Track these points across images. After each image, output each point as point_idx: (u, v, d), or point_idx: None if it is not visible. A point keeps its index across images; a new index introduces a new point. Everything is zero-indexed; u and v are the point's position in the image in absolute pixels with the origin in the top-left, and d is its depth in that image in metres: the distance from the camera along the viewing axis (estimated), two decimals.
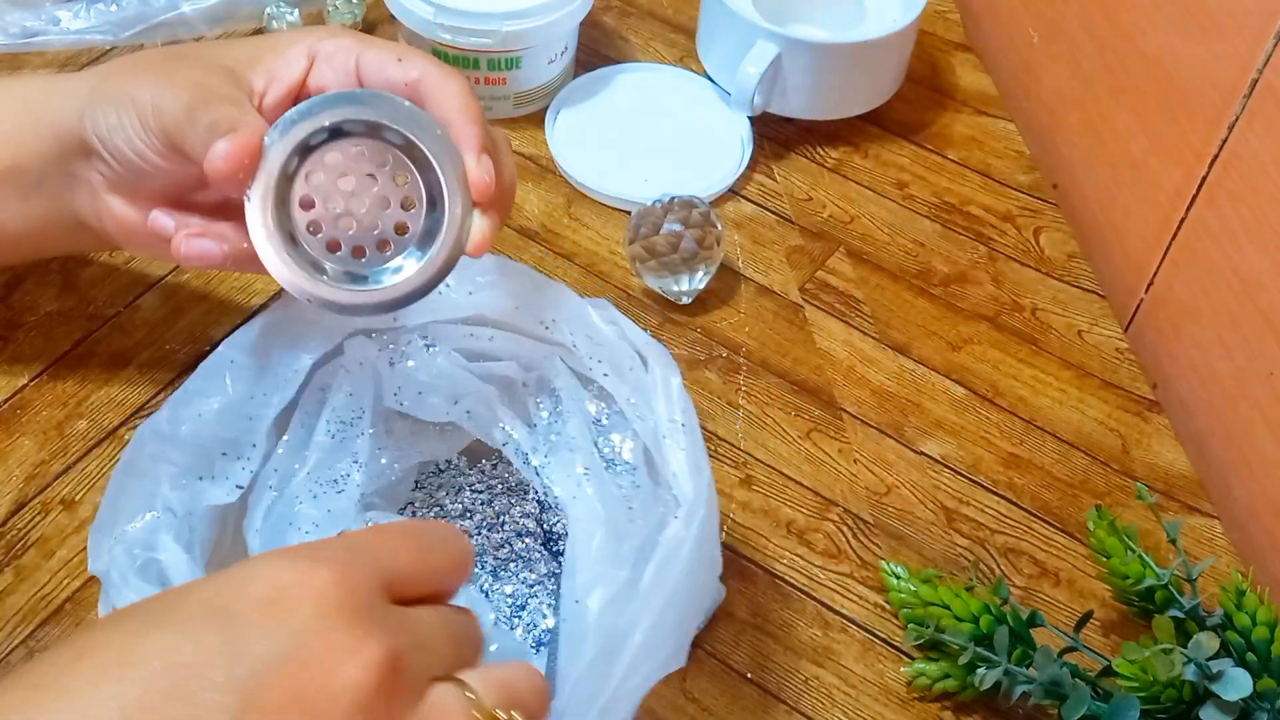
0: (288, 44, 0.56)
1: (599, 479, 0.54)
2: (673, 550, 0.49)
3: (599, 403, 0.58)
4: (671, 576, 0.48)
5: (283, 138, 0.50)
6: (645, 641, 0.46)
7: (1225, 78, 0.67)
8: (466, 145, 0.53)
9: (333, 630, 0.36)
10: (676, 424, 0.53)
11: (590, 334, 0.56)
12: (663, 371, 0.54)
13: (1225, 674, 0.52)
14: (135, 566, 0.49)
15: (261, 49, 0.56)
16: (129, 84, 0.54)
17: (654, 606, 0.47)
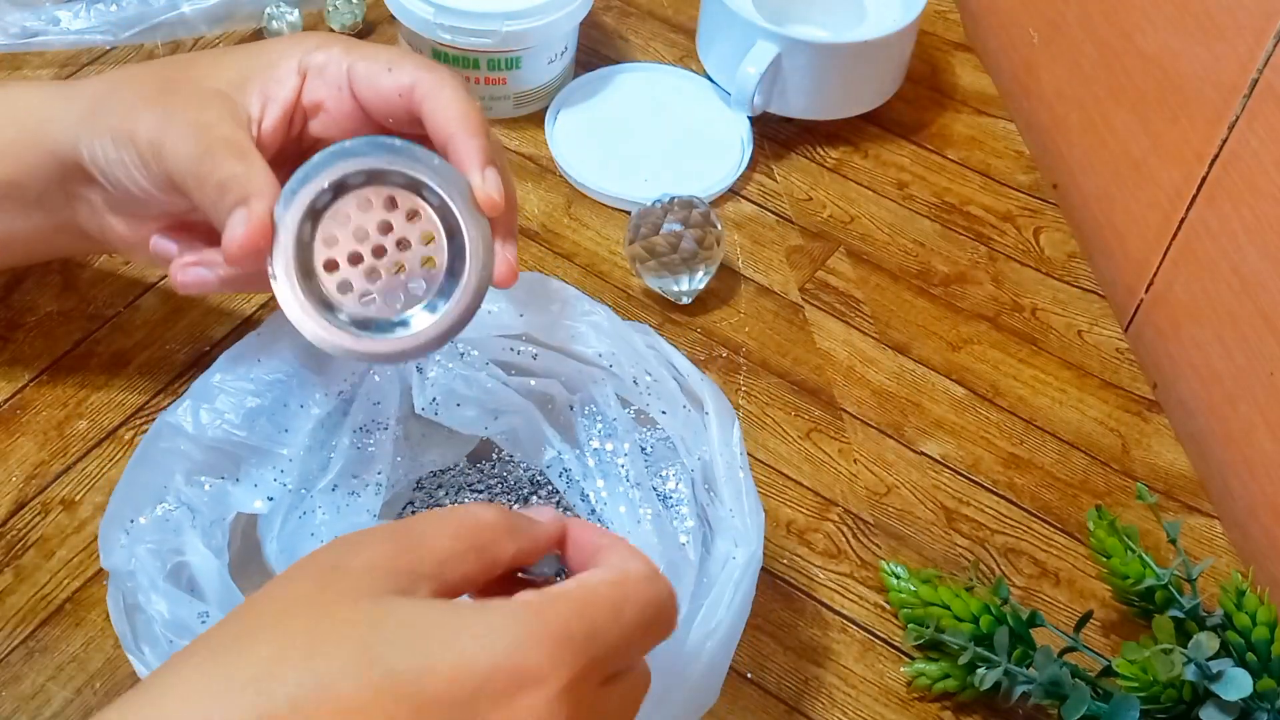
0: (278, 59, 0.55)
1: (657, 516, 0.54)
2: (730, 592, 0.50)
3: (643, 430, 0.58)
4: (729, 617, 0.49)
5: (289, 208, 0.49)
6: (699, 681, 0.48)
7: (1225, 78, 0.67)
8: (470, 161, 0.51)
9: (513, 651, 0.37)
10: (735, 466, 0.53)
11: (648, 370, 0.56)
12: (720, 413, 0.54)
13: (1225, 674, 0.52)
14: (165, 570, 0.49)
15: (252, 68, 0.55)
16: (125, 119, 0.53)
17: (711, 646, 0.48)
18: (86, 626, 0.57)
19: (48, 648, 0.56)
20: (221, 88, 0.54)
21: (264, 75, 0.54)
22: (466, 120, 0.52)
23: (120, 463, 0.62)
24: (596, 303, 0.57)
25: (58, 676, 0.55)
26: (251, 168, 0.50)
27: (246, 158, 0.51)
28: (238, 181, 0.50)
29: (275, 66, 0.55)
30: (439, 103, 0.52)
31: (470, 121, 0.52)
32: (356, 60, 0.54)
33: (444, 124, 0.52)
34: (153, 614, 0.48)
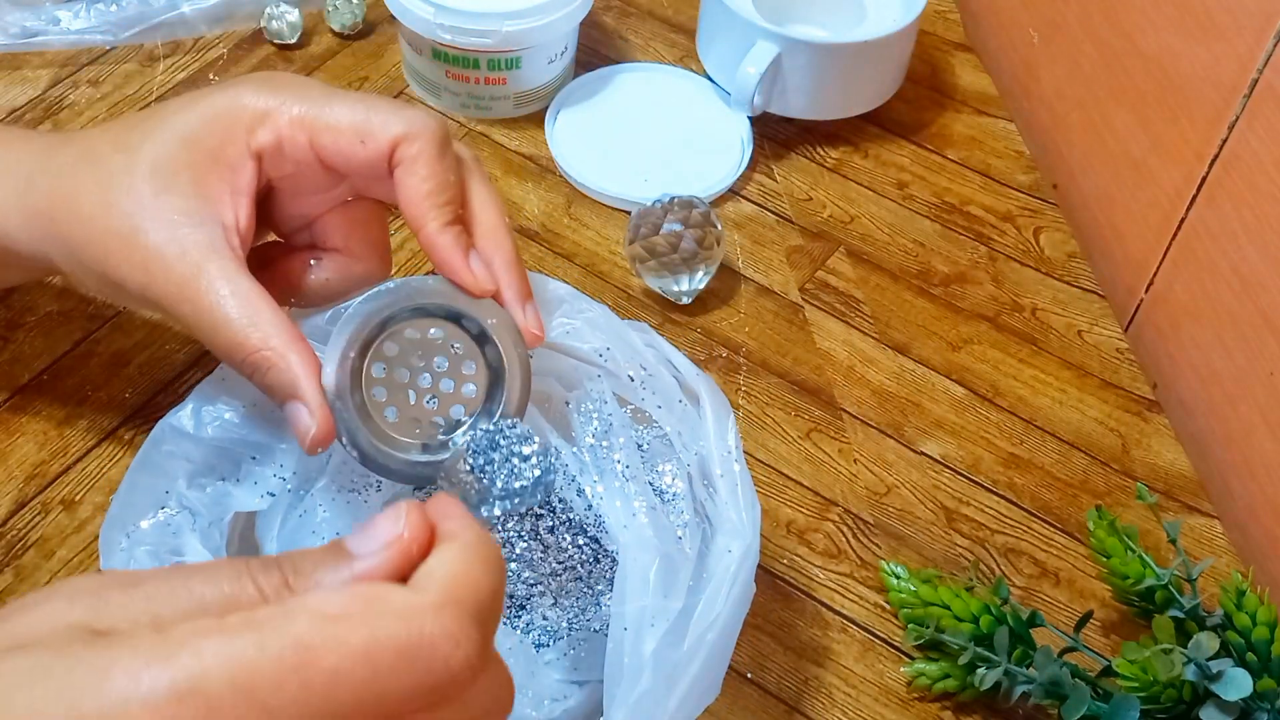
0: (224, 143, 0.49)
1: (652, 509, 0.54)
2: (728, 585, 0.49)
3: (639, 427, 0.58)
4: (727, 610, 0.49)
5: (339, 395, 0.49)
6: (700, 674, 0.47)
7: (1225, 78, 0.67)
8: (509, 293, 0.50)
9: None
10: (730, 459, 0.53)
11: (643, 364, 0.56)
12: (716, 408, 0.54)
13: (1225, 674, 0.52)
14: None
15: (199, 163, 0.49)
16: (81, 246, 0.49)
17: (710, 639, 0.48)
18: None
19: None
20: (178, 175, 0.49)
21: (217, 163, 0.49)
22: (435, 197, 0.49)
23: (120, 463, 0.62)
24: (593, 301, 0.57)
25: None
26: (284, 349, 0.47)
27: (262, 324, 0.47)
28: (277, 373, 0.47)
29: (223, 152, 0.49)
30: (412, 179, 0.49)
31: (443, 204, 0.49)
32: (318, 132, 0.49)
33: (416, 200, 0.49)
34: None
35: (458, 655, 0.30)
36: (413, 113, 0.50)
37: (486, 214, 0.51)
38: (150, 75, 0.81)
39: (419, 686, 0.30)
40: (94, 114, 0.78)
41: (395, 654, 0.30)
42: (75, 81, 0.80)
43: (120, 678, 0.28)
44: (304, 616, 0.29)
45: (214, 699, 0.28)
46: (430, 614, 0.30)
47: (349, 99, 0.50)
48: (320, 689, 0.29)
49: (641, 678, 0.48)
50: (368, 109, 0.49)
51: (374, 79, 0.82)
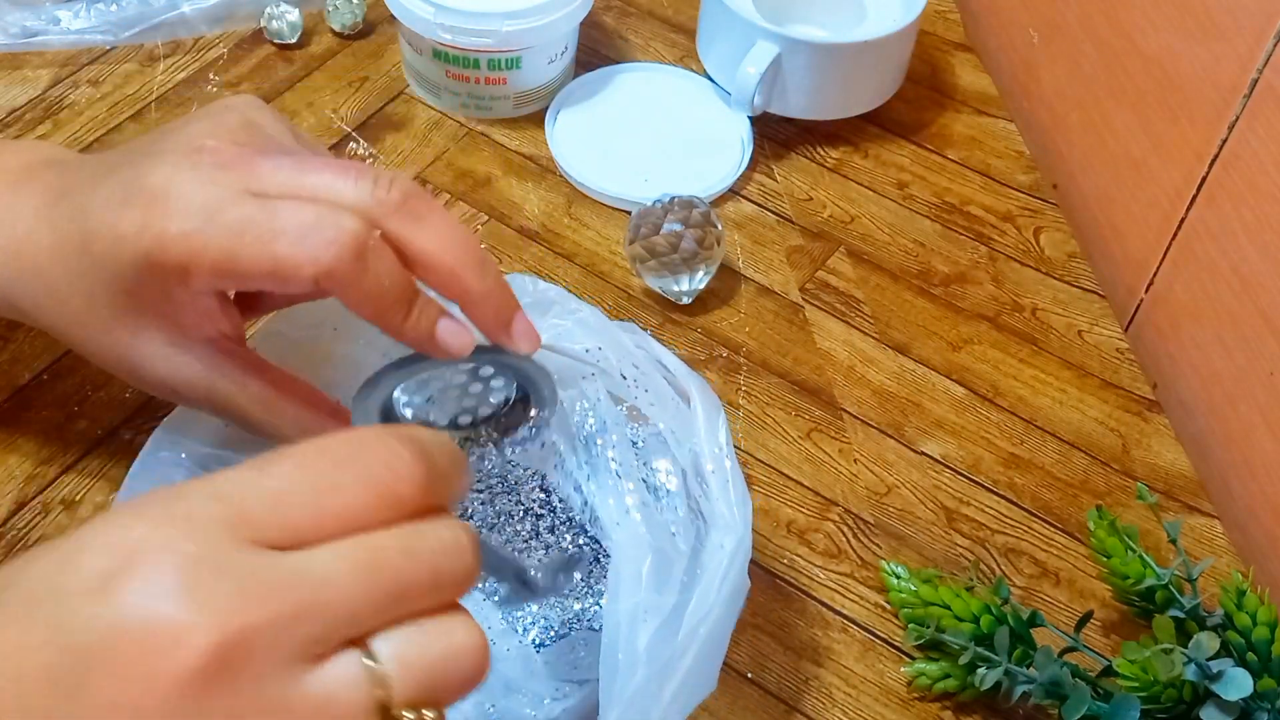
0: (166, 293, 0.47)
1: (645, 506, 0.54)
2: (720, 579, 0.49)
3: (634, 425, 0.58)
4: (718, 605, 0.49)
5: None
6: (693, 666, 0.47)
7: (1225, 78, 0.67)
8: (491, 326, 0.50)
9: (161, 607, 0.30)
10: (721, 456, 0.53)
11: (635, 363, 0.56)
12: (706, 405, 0.54)
13: (1225, 674, 0.52)
14: None
15: (158, 307, 0.48)
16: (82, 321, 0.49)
17: (702, 634, 0.48)
18: None
19: None
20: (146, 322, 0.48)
21: (173, 305, 0.48)
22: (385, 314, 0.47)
23: (120, 462, 0.62)
24: (583, 301, 0.57)
25: None
26: None
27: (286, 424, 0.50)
28: None
29: (171, 296, 0.47)
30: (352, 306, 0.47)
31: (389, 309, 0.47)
32: (243, 280, 0.46)
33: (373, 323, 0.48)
34: None
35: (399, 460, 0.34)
36: (321, 242, 0.45)
37: (438, 259, 0.48)
38: (150, 75, 0.81)
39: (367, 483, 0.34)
40: (94, 114, 0.78)
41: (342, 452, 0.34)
42: (75, 81, 0.80)
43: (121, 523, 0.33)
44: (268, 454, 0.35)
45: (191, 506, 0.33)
46: (373, 434, 0.35)
47: (258, 238, 0.45)
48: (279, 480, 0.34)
49: (636, 672, 0.48)
50: (274, 255, 0.45)
51: (374, 79, 0.82)
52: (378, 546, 0.33)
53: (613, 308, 0.72)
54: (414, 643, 0.33)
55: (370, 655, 0.33)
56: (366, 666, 0.32)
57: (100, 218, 0.47)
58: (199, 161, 0.46)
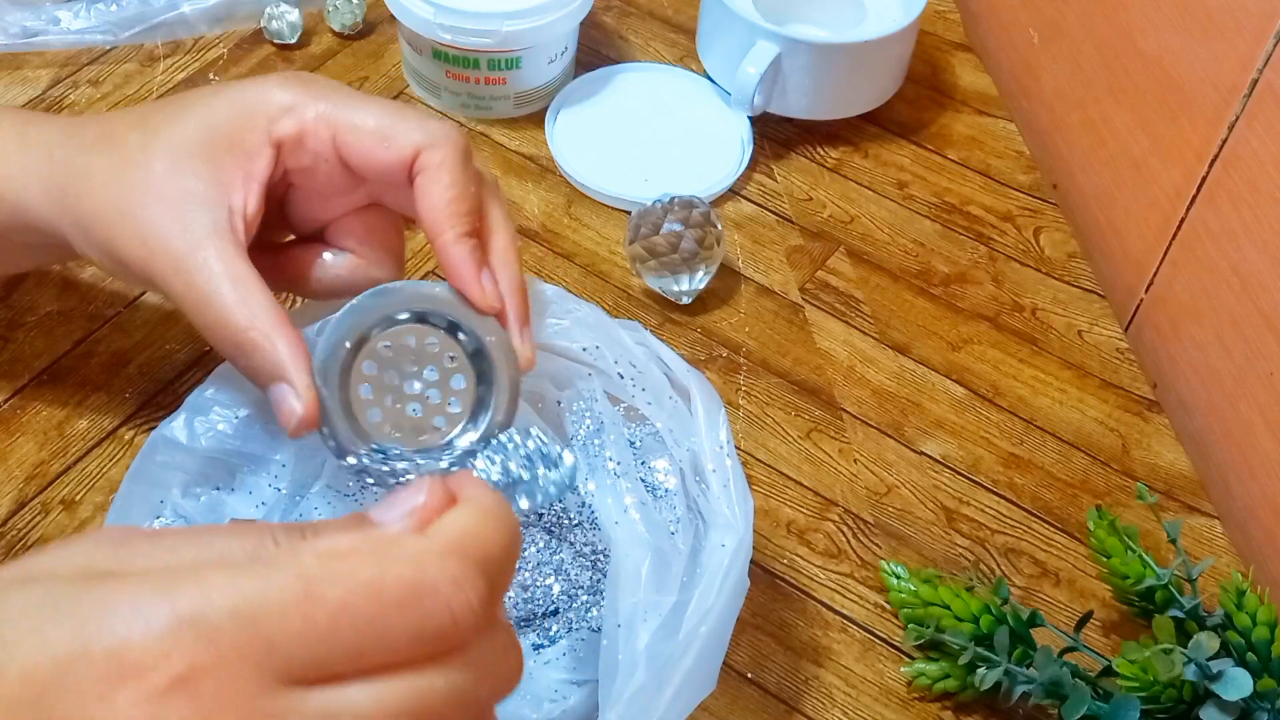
0: (243, 129, 0.49)
1: (643, 505, 0.54)
2: (720, 578, 0.49)
3: (631, 424, 0.58)
4: (718, 604, 0.49)
5: (327, 383, 0.49)
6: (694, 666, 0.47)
7: (1225, 78, 0.67)
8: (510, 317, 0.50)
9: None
10: (722, 454, 0.53)
11: (632, 361, 0.56)
12: (707, 403, 0.54)
13: (1225, 674, 0.52)
14: None
15: (217, 147, 0.49)
16: (95, 214, 0.49)
17: (702, 634, 0.48)
18: None
19: None
20: (190, 184, 0.49)
21: (233, 149, 0.49)
22: (458, 215, 0.49)
23: (120, 463, 0.62)
24: (581, 300, 0.57)
25: None
26: (270, 331, 0.47)
27: (252, 305, 0.47)
28: (262, 355, 0.47)
29: (242, 139, 0.49)
30: (434, 191, 0.49)
31: (463, 214, 0.49)
32: (342, 130, 0.49)
33: (434, 224, 0.49)
34: None
35: (459, 599, 0.30)
36: (438, 124, 0.50)
37: (500, 236, 0.51)
38: (150, 75, 0.81)
39: (422, 628, 0.30)
40: (94, 114, 0.78)
41: (400, 591, 0.29)
42: (75, 81, 0.80)
43: (124, 607, 0.28)
44: (311, 554, 0.29)
45: (215, 628, 0.28)
46: (435, 558, 0.30)
47: (377, 103, 0.50)
48: (323, 621, 0.29)
49: (636, 673, 0.48)
50: (394, 114, 0.49)
51: (374, 79, 0.82)
52: (423, 691, 0.30)
53: (613, 308, 0.72)
54: None
55: None
56: None
57: (198, 92, 0.51)
58: (321, 78, 0.52)
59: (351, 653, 0.29)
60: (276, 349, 0.47)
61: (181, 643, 0.28)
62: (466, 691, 0.31)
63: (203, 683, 0.28)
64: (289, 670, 0.29)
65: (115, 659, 0.28)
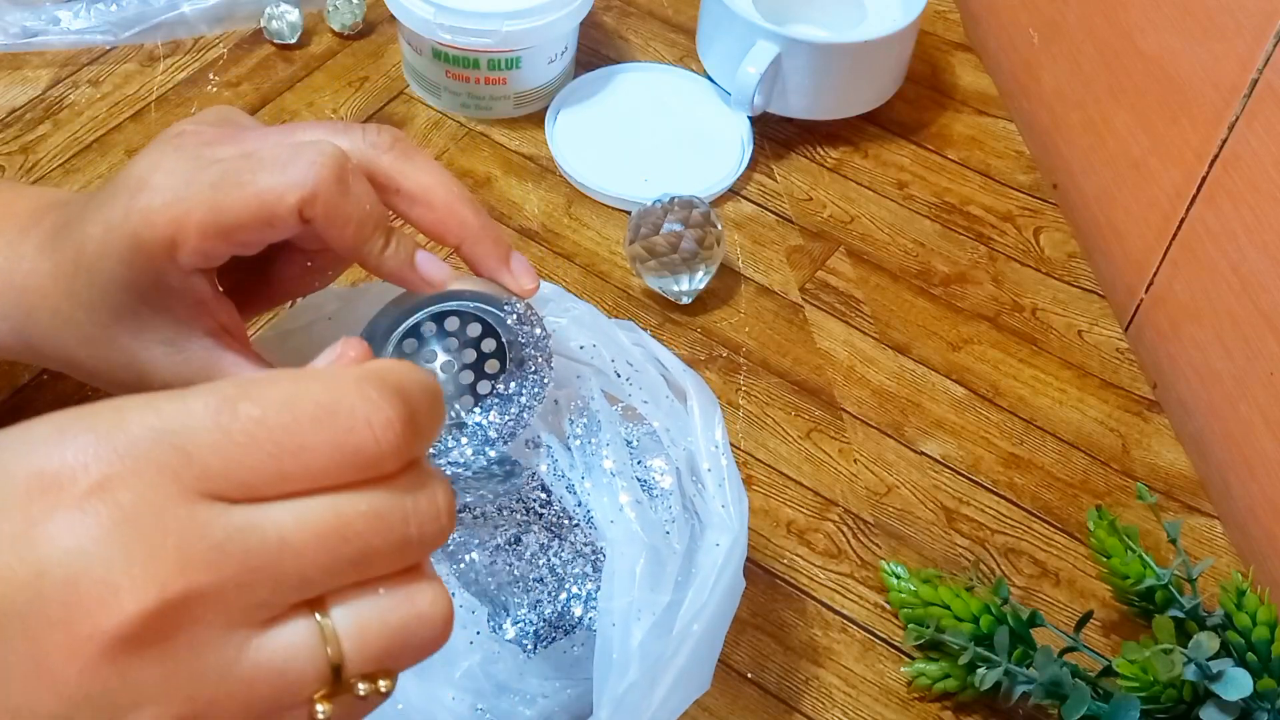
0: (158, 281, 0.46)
1: (639, 504, 0.54)
2: (714, 577, 0.49)
3: (629, 424, 0.58)
4: (712, 603, 0.49)
5: None
6: (686, 665, 0.47)
7: (1225, 78, 0.67)
8: (489, 264, 0.50)
9: (90, 563, 0.28)
10: (718, 454, 0.53)
11: (629, 360, 0.56)
12: (703, 403, 0.54)
13: (1225, 674, 0.52)
14: None
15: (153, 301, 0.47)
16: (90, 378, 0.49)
17: (695, 633, 0.48)
18: None
19: None
20: (143, 321, 0.47)
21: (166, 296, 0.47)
22: (365, 242, 0.47)
23: None
24: (578, 299, 0.57)
25: None
26: None
27: None
28: None
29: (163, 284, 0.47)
30: (333, 235, 0.47)
31: (367, 237, 0.47)
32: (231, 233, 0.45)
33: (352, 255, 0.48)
34: None
35: (378, 417, 0.30)
36: (300, 166, 0.45)
37: (433, 194, 0.49)
38: (150, 75, 0.81)
39: (341, 444, 0.30)
40: (94, 114, 0.78)
41: (315, 407, 0.30)
42: (75, 81, 0.80)
43: (42, 431, 0.29)
44: (230, 383, 0.30)
45: (132, 441, 0.29)
46: (352, 381, 0.31)
47: (239, 180, 0.45)
48: (239, 436, 0.29)
49: (629, 672, 0.48)
50: (258, 188, 0.45)
51: (374, 79, 0.82)
52: (344, 510, 0.30)
53: (613, 308, 0.72)
54: (375, 610, 0.31)
55: (325, 621, 0.30)
56: (320, 633, 0.30)
57: (91, 222, 0.47)
58: (181, 144, 0.47)
59: (271, 471, 0.29)
60: None
61: (99, 455, 0.28)
62: (392, 519, 0.31)
63: (120, 491, 0.28)
64: (208, 484, 0.29)
65: (35, 476, 0.28)
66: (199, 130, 0.48)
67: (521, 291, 0.51)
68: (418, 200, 0.49)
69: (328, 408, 0.30)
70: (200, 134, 0.47)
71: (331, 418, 0.30)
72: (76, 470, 0.28)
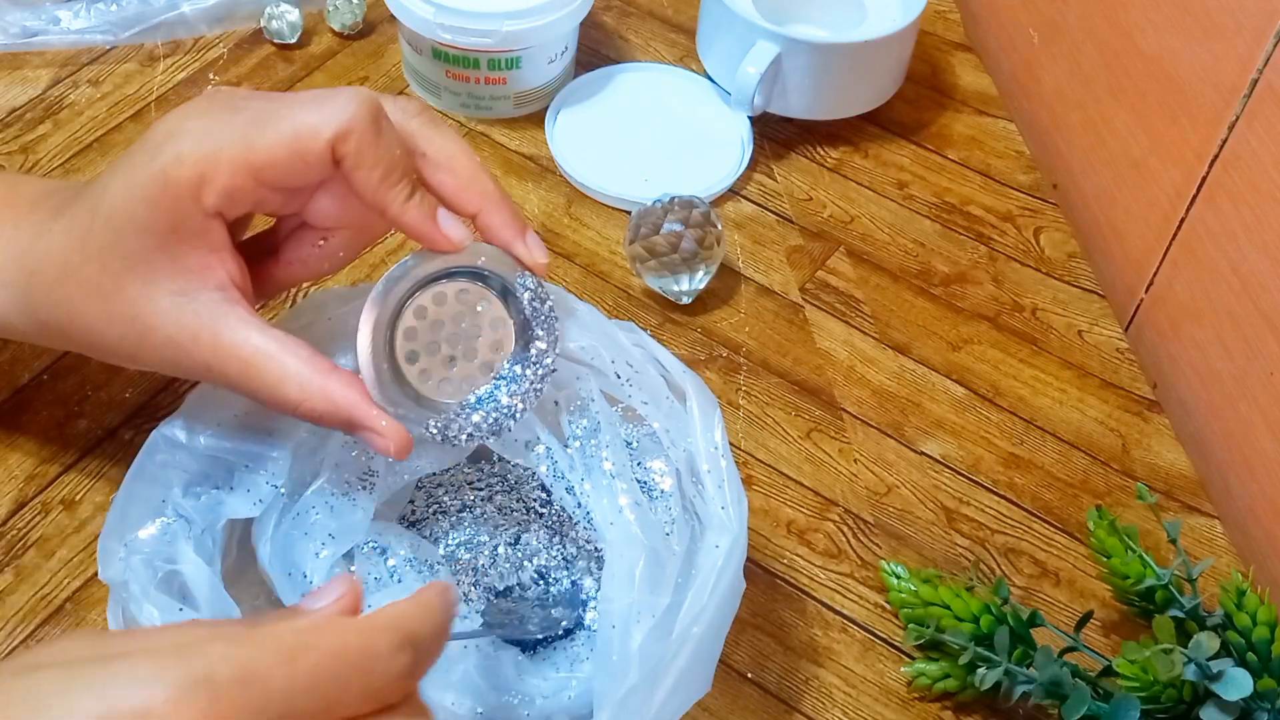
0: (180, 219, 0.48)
1: (638, 506, 0.54)
2: (714, 580, 0.49)
3: (628, 425, 0.58)
4: (711, 606, 0.49)
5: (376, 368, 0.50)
6: (687, 667, 0.47)
7: (1225, 78, 0.67)
8: (505, 233, 0.51)
9: None
10: (717, 455, 0.53)
11: (629, 361, 0.56)
12: (702, 404, 0.54)
13: (1225, 674, 0.52)
14: (156, 579, 0.49)
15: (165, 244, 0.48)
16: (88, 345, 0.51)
17: (695, 635, 0.48)
18: (87, 626, 0.57)
19: None
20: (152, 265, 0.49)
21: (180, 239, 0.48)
22: (391, 188, 0.49)
23: (120, 463, 0.62)
24: (579, 300, 0.57)
25: None
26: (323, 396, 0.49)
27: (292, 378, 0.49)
28: (330, 418, 0.50)
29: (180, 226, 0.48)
30: (360, 176, 0.49)
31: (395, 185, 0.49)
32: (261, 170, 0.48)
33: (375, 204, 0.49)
34: (145, 622, 0.48)
35: (395, 665, 0.37)
36: (337, 104, 0.48)
37: (458, 160, 0.51)
38: (150, 75, 0.81)
39: (368, 687, 0.36)
40: (94, 114, 0.78)
41: (356, 655, 0.36)
42: (75, 81, 0.80)
43: (145, 672, 0.33)
44: (288, 629, 0.36)
45: (222, 687, 0.34)
46: (379, 631, 0.37)
47: (275, 117, 0.48)
48: (303, 679, 0.35)
49: (628, 674, 0.48)
50: (297, 120, 0.48)
51: (374, 79, 0.82)
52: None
53: (613, 307, 0.72)
54: None
55: None
56: None
57: (112, 176, 0.48)
58: (213, 98, 0.49)
59: (322, 707, 0.35)
60: (338, 409, 0.49)
61: (196, 699, 0.33)
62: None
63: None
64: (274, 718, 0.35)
65: (140, 715, 0.33)
66: (233, 90, 0.50)
67: (534, 264, 0.52)
68: (442, 166, 0.50)
69: (365, 657, 0.37)
70: (234, 93, 0.49)
71: (366, 666, 0.37)
72: (177, 710, 0.33)
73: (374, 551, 0.55)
